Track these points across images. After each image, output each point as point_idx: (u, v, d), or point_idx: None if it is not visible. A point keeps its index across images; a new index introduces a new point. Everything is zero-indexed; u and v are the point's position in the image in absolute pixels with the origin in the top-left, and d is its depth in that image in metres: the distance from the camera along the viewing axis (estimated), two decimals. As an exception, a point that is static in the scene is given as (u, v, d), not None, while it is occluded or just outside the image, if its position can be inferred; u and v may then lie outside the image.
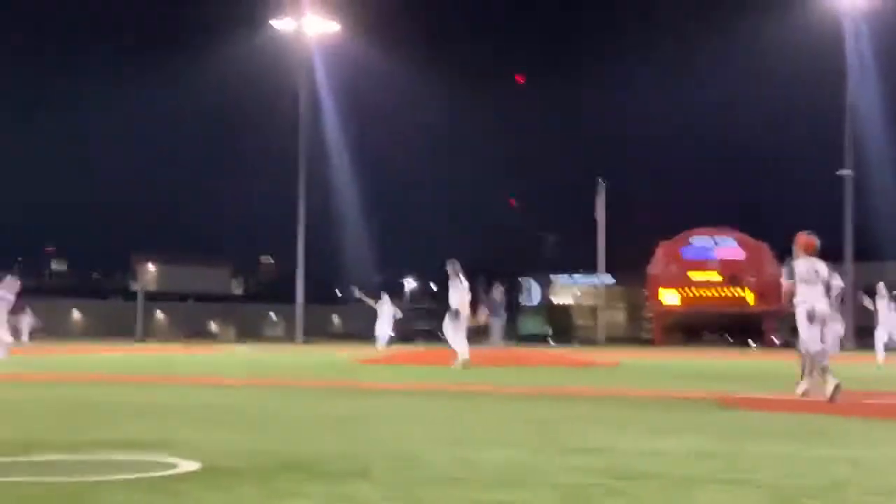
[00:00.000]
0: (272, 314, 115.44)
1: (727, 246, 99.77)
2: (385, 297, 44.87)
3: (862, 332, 59.91)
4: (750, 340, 68.43)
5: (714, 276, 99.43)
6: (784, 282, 15.75)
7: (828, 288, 15.78)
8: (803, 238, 15.86)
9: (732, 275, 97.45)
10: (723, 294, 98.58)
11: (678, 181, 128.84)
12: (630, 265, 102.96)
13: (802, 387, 15.57)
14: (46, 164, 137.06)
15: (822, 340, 15.29)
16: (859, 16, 67.57)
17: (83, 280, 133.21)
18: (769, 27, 74.11)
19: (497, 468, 7.25)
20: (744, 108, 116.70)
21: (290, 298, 76.88)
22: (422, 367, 25.62)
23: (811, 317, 15.27)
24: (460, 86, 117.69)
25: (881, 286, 35.91)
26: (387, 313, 44.10)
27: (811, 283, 15.46)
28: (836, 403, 13.73)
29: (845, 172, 65.23)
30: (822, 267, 15.68)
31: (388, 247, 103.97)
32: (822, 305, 15.42)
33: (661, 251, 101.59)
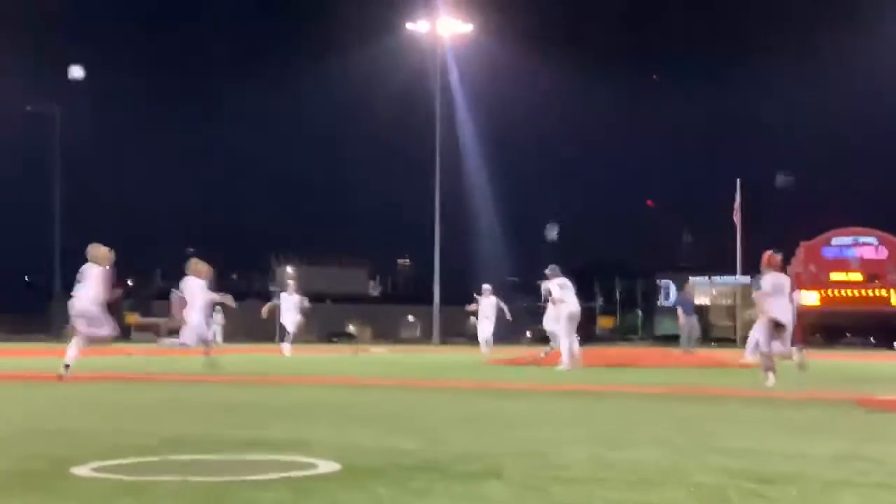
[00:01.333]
0: (409, 316, 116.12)
1: (868, 245, 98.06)
2: (484, 296, 40.68)
3: None
4: (895, 342, 66.87)
5: (855, 276, 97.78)
6: (756, 293, 19.08)
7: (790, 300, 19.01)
8: (768, 256, 18.81)
9: (873, 274, 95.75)
10: (864, 294, 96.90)
11: (820, 181, 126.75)
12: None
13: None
14: (186, 165, 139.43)
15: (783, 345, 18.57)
16: None
17: (223, 281, 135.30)
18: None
19: (632, 468, 7.19)
20: (888, 106, 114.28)
21: (427, 300, 77.27)
22: (552, 368, 25.55)
23: (776, 326, 18.35)
24: (596, 84, 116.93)
25: None
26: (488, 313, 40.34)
27: (777, 295, 18.48)
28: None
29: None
30: (786, 281, 18.78)
31: (524, 248, 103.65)
32: (787, 316, 18.54)
33: (801, 251, 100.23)
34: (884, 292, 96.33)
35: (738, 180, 73.55)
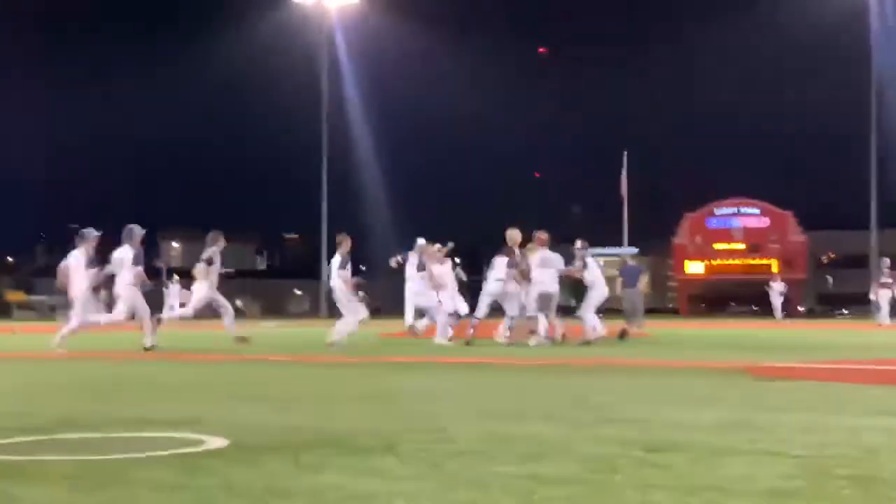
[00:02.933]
0: (297, 290, 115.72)
1: (751, 215, 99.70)
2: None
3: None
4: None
5: (738, 246, 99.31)
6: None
7: None
8: (538, 235, 23.01)
9: (756, 244, 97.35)
10: (747, 263, 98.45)
11: (703, 153, 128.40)
12: (655, 237, 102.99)
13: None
14: (73, 141, 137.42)
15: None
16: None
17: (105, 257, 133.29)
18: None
19: (526, 441, 7.22)
20: (769, 80, 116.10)
21: (315, 274, 77.05)
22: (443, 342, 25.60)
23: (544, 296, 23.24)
24: (485, 58, 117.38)
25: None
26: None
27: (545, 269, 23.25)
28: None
29: None
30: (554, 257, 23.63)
31: (410, 221, 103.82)
32: (555, 287, 23.02)
33: (686, 222, 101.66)
34: (766, 261, 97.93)
35: (625, 152, 74.14)
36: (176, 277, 46.67)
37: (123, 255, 21.80)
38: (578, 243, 25.01)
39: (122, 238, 22.00)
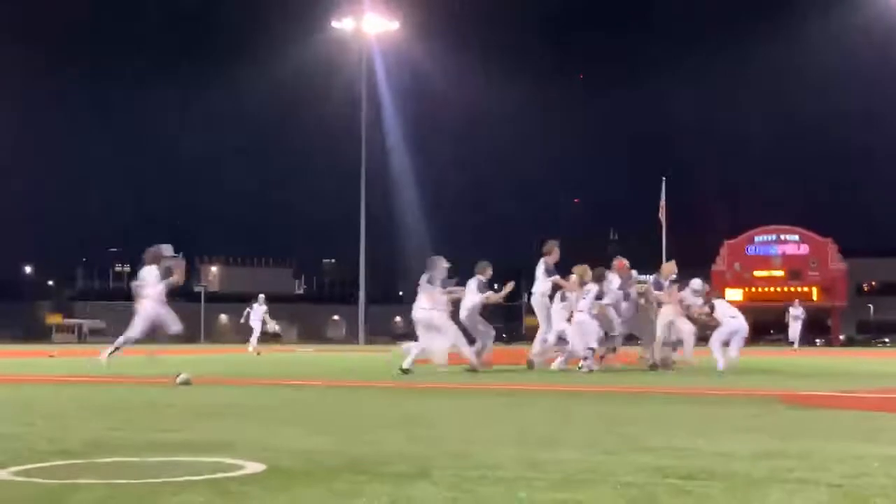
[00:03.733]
0: (335, 316, 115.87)
1: (791, 242, 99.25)
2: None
3: None
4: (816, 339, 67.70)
5: (777, 273, 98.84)
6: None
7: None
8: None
9: (795, 271, 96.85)
10: (787, 290, 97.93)
11: (743, 179, 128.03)
12: (694, 264, 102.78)
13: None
14: (114, 167, 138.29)
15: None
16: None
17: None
18: (837, 22, 73.51)
19: (561, 468, 7.20)
20: (813, 106, 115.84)
21: (353, 299, 77.11)
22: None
23: None
24: (524, 85, 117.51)
25: None
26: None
27: None
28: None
29: None
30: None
31: (449, 246, 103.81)
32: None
33: (725, 249, 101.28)
34: (806, 288, 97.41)
35: (664, 178, 73.99)
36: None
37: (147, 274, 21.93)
38: (697, 283, 24.90)
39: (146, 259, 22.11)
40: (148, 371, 20.85)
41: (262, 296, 47.34)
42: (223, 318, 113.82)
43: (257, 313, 46.21)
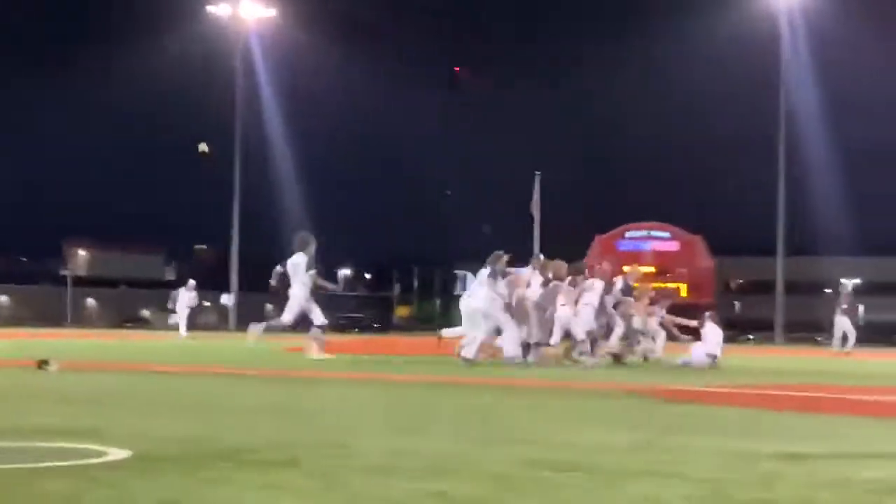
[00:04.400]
0: (206, 302, 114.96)
1: (661, 239, 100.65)
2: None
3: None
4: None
5: (647, 269, 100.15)
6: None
7: None
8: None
9: (665, 267, 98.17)
10: (656, 287, 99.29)
11: (615, 176, 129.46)
12: (566, 258, 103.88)
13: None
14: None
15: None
16: (796, 14, 68.07)
17: (11, 264, 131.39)
18: (706, 26, 74.68)
19: (429, 458, 7.18)
20: (682, 107, 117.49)
21: (225, 286, 76.51)
22: (352, 356, 25.53)
23: None
24: (399, 76, 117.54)
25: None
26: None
27: None
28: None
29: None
30: None
31: (324, 235, 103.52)
32: None
33: (596, 245, 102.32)
34: (674, 285, 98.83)
35: (537, 173, 74.37)
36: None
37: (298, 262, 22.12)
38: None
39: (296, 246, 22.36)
40: (14, 354, 20.46)
41: (192, 281, 46.67)
42: (90, 302, 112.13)
43: (185, 299, 45.42)
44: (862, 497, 6.05)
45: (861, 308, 40.08)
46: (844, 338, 36.14)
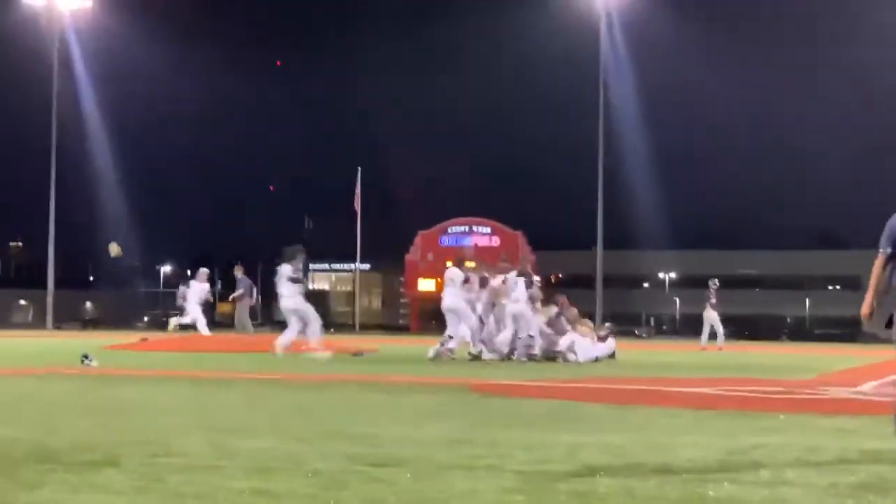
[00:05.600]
0: (21, 300, 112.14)
1: (482, 234, 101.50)
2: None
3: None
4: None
5: (469, 265, 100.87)
6: None
7: None
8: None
9: (486, 262, 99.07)
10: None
11: (437, 173, 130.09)
12: (388, 253, 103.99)
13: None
14: None
15: None
16: (615, 14, 69.23)
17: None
18: (528, 21, 75.58)
19: (253, 456, 7.17)
20: (503, 104, 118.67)
21: (41, 284, 74.81)
22: (173, 354, 25.23)
23: None
24: (221, 68, 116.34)
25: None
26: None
27: None
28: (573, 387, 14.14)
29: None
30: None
31: (145, 230, 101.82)
32: None
33: (419, 240, 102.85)
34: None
35: (360, 169, 74.31)
36: None
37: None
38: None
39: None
40: None
41: (204, 270, 37.29)
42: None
43: (197, 291, 35.63)
44: (681, 485, 6.21)
45: (677, 301, 41.00)
46: (713, 333, 36.46)
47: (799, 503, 5.66)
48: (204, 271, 36.79)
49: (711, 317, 36.05)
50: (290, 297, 24.24)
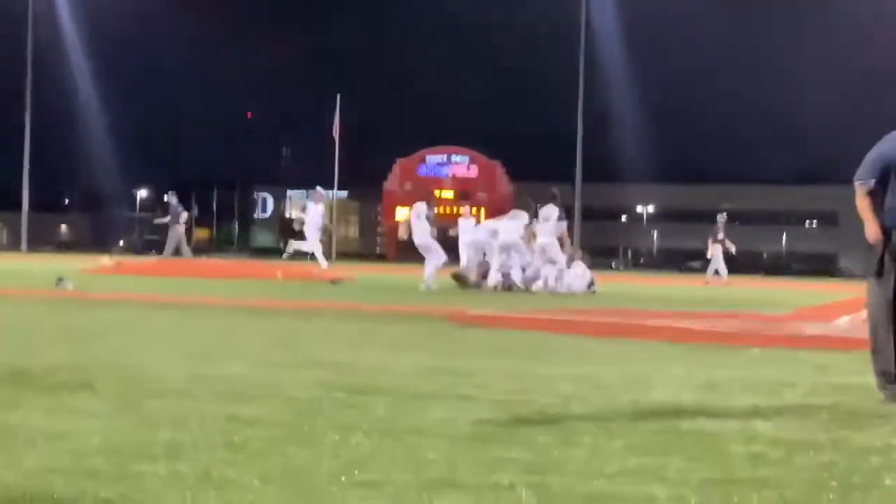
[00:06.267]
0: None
1: (460, 163, 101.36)
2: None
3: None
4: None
5: (447, 194, 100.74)
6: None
7: None
8: None
9: (464, 192, 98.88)
10: (455, 212, 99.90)
11: (417, 101, 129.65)
12: (366, 182, 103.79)
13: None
14: None
15: None
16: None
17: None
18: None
19: (229, 382, 7.18)
20: (483, 35, 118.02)
21: (16, 205, 74.50)
22: (153, 279, 25.21)
23: None
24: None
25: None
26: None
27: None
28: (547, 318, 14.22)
29: None
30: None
31: (122, 155, 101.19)
32: None
33: (397, 168, 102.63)
34: (474, 210, 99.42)
35: (339, 95, 73.89)
36: None
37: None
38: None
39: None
40: None
41: (319, 190, 31.78)
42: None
43: (315, 216, 30.36)
44: (656, 418, 6.25)
45: (654, 234, 40.96)
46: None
47: (771, 436, 5.70)
48: (320, 192, 31.70)
49: (715, 252, 35.82)
50: (421, 234, 24.48)
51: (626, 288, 30.05)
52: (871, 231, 7.51)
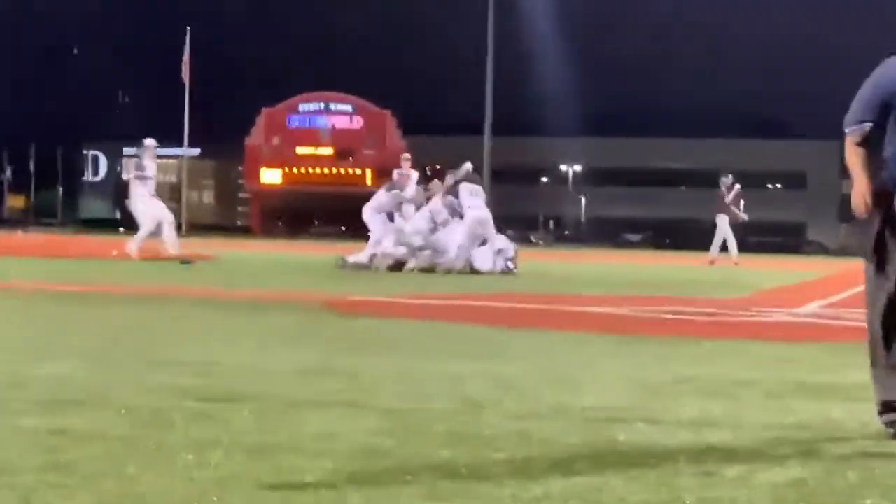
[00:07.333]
0: None
1: (342, 113, 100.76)
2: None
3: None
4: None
5: (326, 151, 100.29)
6: None
7: None
8: None
9: (347, 148, 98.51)
10: (335, 172, 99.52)
11: (286, 40, 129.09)
12: (223, 136, 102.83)
13: None
14: None
15: None
16: None
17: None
18: None
19: (54, 386, 7.11)
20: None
21: None
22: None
23: None
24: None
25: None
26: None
27: None
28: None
29: None
30: None
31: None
32: None
33: (262, 120, 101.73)
34: (359, 171, 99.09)
35: (189, 29, 72.87)
36: None
37: None
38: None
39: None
40: None
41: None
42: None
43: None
44: (586, 427, 6.28)
45: (583, 200, 41.07)
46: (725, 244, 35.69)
47: (726, 449, 5.76)
48: (150, 144, 29.33)
49: (721, 223, 35.51)
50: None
51: (548, 267, 30.27)
52: (859, 194, 6.44)
